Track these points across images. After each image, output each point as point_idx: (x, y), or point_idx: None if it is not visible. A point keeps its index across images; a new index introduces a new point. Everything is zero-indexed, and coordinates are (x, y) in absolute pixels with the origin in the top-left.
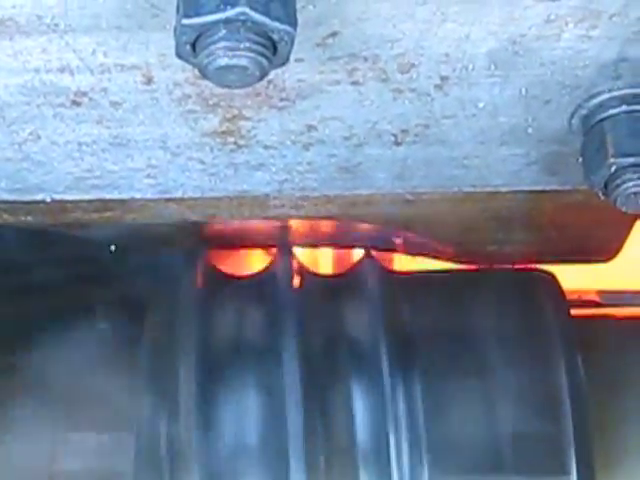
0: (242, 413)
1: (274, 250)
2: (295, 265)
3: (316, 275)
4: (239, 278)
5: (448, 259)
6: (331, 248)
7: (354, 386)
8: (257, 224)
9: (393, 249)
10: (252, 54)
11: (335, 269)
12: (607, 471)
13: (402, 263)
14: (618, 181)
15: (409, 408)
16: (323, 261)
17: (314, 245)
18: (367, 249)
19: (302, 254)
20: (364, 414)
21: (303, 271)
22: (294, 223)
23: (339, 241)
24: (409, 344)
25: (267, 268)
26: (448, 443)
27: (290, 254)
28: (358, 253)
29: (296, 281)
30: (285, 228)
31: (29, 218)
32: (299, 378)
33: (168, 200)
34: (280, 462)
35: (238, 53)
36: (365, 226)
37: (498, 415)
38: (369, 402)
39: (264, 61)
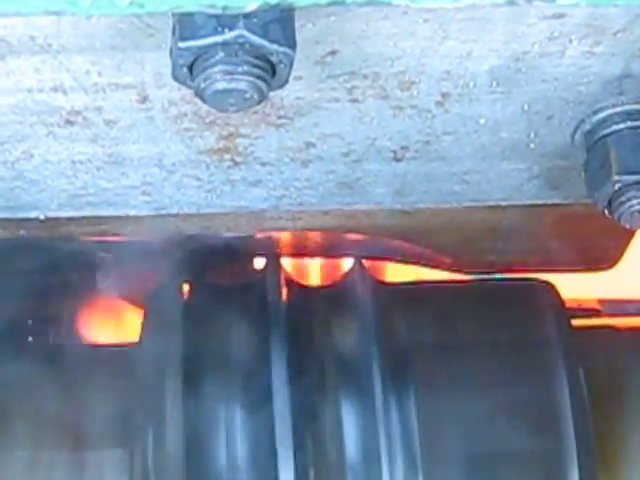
0: (230, 428)
1: (262, 261)
2: (283, 277)
3: (305, 287)
4: (227, 289)
5: (446, 269)
6: (320, 259)
7: (344, 401)
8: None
9: (389, 259)
10: (250, 77)
11: (324, 280)
12: None
13: (398, 273)
14: (622, 198)
15: (403, 423)
16: (312, 272)
17: (303, 255)
18: (358, 259)
19: (290, 265)
20: (355, 429)
21: (292, 283)
22: (283, 234)
23: (330, 251)
24: (402, 357)
25: (255, 279)
26: (445, 459)
27: (278, 265)
28: (348, 263)
29: (285, 293)
30: (273, 238)
31: (22, 232)
32: (288, 393)
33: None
34: (268, 477)
35: (236, 77)
36: (357, 236)
37: (496, 430)
38: (360, 417)
39: (263, 84)
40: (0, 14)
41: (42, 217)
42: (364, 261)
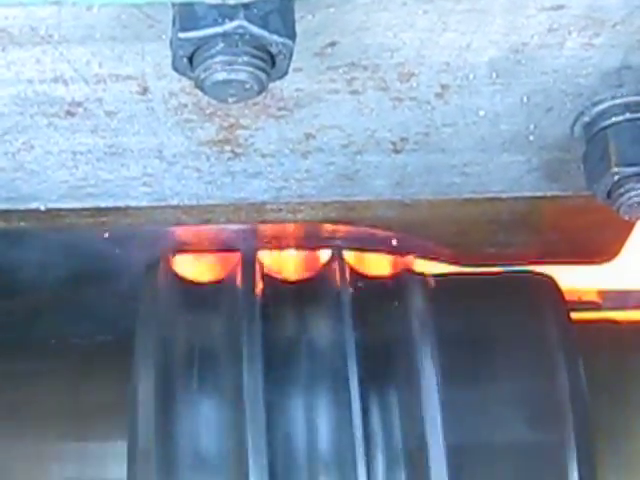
0: (202, 425)
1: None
2: (259, 270)
3: (281, 280)
4: (201, 284)
5: (446, 261)
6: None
7: (318, 395)
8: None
9: (388, 250)
10: (250, 68)
11: (302, 272)
12: (610, 478)
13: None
14: (621, 190)
15: (384, 418)
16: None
17: (281, 247)
18: (337, 250)
19: (268, 257)
20: (328, 423)
21: (268, 276)
22: (260, 225)
23: (309, 243)
24: (384, 350)
25: (229, 273)
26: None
27: (254, 258)
28: (326, 254)
29: (260, 287)
30: (250, 231)
31: (22, 223)
32: (260, 384)
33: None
34: (240, 475)
35: (236, 67)
36: (338, 226)
37: (495, 423)
38: (334, 411)
39: (262, 75)
40: (1, 4)
41: (43, 208)
42: (346, 253)
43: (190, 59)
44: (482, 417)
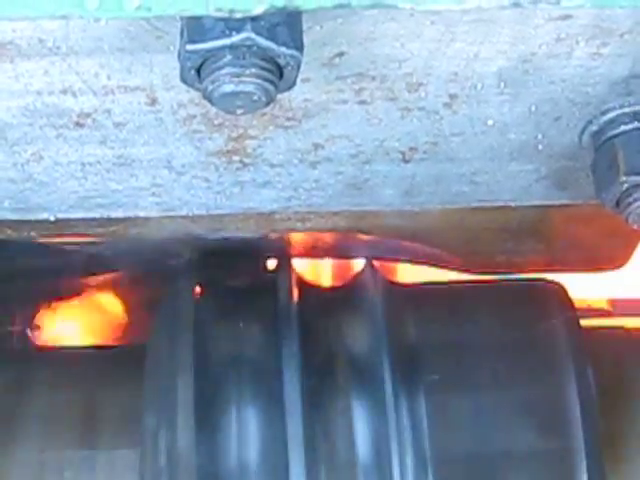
0: (242, 428)
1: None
2: (295, 278)
3: (317, 288)
4: (238, 290)
5: (456, 269)
6: (332, 260)
7: (355, 402)
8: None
9: (399, 259)
10: (258, 80)
11: (336, 281)
12: None
13: (408, 273)
14: (630, 199)
15: (413, 423)
16: (324, 273)
17: (315, 257)
18: (369, 260)
19: (302, 266)
20: (366, 430)
21: (303, 284)
22: (294, 234)
23: (341, 252)
24: (413, 358)
25: (268, 280)
26: (454, 459)
27: (290, 266)
28: (359, 264)
29: (296, 294)
30: (285, 240)
31: (33, 233)
32: (299, 393)
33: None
34: (280, 477)
35: (244, 79)
36: (366, 237)
37: (506, 430)
38: (371, 417)
39: (270, 87)
40: (8, 18)
41: (52, 218)
42: (374, 262)
43: (198, 71)
44: (492, 423)
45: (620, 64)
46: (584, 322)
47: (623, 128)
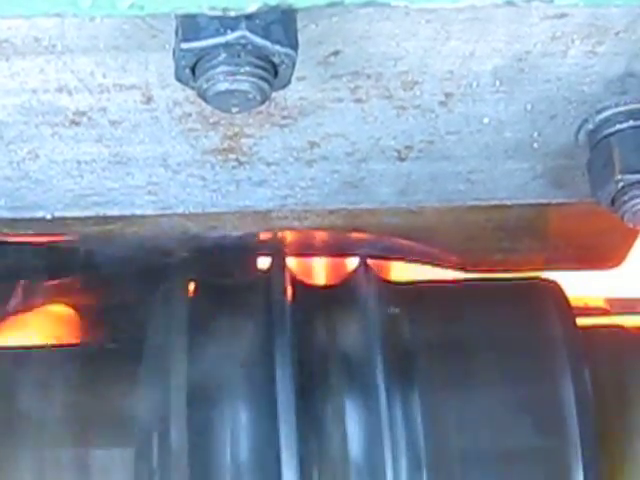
0: (234, 426)
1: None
2: (289, 276)
3: (310, 286)
4: (232, 288)
5: (452, 268)
6: (325, 258)
7: (348, 401)
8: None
9: (395, 257)
10: (253, 78)
11: (329, 280)
12: None
13: (402, 271)
14: (625, 197)
15: (407, 422)
16: (318, 271)
17: (309, 255)
18: (362, 258)
19: (295, 264)
20: (359, 429)
21: (297, 282)
22: (288, 232)
23: (335, 250)
24: (407, 356)
25: (260, 278)
26: (449, 458)
27: (284, 265)
28: (353, 262)
29: (290, 292)
30: (279, 238)
31: (29, 232)
32: (292, 392)
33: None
34: (272, 476)
35: (238, 77)
36: (362, 235)
37: (501, 430)
38: (364, 417)
39: (265, 85)
40: (2, 16)
41: (48, 217)
42: (369, 260)
43: (193, 69)
44: (487, 422)
45: (615, 63)
46: (581, 320)
47: (618, 126)
